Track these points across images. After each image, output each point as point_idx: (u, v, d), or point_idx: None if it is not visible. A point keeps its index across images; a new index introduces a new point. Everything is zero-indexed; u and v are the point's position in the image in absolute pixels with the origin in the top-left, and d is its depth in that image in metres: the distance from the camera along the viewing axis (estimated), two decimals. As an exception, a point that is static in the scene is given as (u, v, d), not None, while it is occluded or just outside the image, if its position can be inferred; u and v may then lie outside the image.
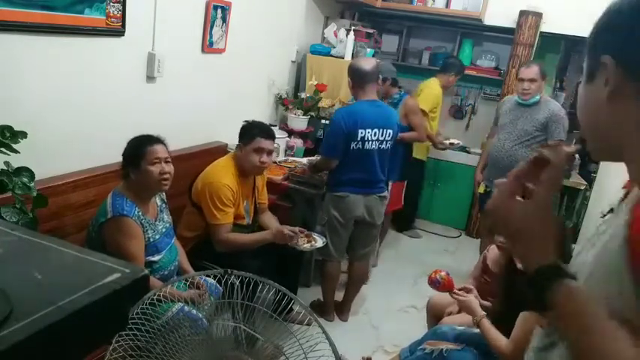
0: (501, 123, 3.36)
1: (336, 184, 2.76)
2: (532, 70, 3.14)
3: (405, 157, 3.74)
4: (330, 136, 2.77)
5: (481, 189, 3.55)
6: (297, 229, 2.43)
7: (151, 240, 1.95)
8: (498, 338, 1.84)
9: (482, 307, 2.03)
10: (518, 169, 0.69)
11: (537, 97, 3.16)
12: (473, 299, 2.03)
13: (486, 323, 1.91)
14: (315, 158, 3.05)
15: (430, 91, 4.00)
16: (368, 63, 2.71)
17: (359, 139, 2.64)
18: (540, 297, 0.64)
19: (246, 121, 2.54)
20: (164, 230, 2.05)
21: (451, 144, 4.10)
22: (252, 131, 2.45)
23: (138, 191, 1.94)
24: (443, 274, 2.13)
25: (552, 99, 3.24)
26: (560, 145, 0.70)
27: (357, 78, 2.68)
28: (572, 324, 0.62)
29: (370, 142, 2.67)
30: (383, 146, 2.71)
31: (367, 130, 2.64)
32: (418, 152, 4.08)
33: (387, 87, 3.62)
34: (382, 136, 2.69)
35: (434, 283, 2.14)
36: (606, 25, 0.72)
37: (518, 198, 0.68)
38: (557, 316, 0.64)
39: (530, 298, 0.66)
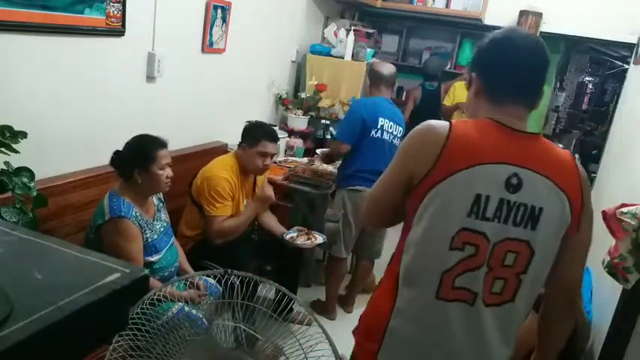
0: None
1: (350, 177, 2.76)
2: None
3: None
4: (346, 121, 2.85)
5: None
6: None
7: (150, 240, 1.95)
8: None
9: None
10: None
11: None
12: None
13: None
14: (327, 149, 3.11)
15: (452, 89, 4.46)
16: (386, 68, 2.85)
17: (379, 126, 2.70)
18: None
19: (249, 121, 2.53)
20: (162, 230, 2.05)
21: None
22: (257, 133, 2.44)
23: (138, 192, 1.94)
24: None
25: None
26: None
27: (375, 79, 2.85)
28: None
29: (387, 133, 2.74)
30: (395, 141, 2.77)
31: (386, 120, 2.73)
32: None
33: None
34: (395, 131, 2.78)
35: None
36: (475, 53, 1.24)
37: None
38: None
39: None
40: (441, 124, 1.14)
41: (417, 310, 1.17)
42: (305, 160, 3.38)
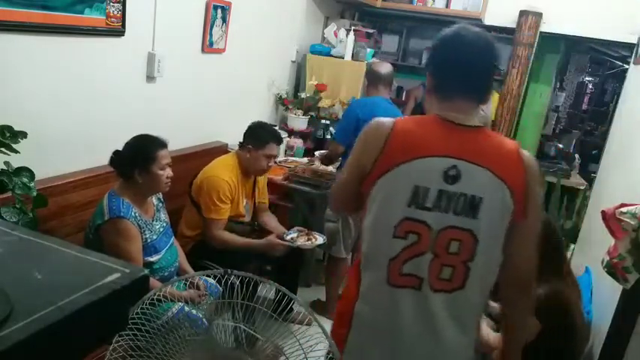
0: None
1: None
2: None
3: None
4: (342, 122, 2.87)
5: None
6: (287, 243, 2.43)
7: (149, 240, 1.95)
8: (487, 332, 1.68)
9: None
10: None
11: None
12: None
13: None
14: (325, 152, 3.12)
15: None
16: (384, 67, 2.86)
17: None
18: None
19: (253, 122, 2.53)
20: (161, 230, 2.05)
21: None
22: (263, 135, 2.44)
23: (137, 192, 1.94)
24: None
25: None
26: None
27: (373, 79, 2.85)
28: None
29: None
30: None
31: None
32: None
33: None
34: None
35: None
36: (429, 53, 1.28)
37: None
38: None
39: None
40: (388, 121, 1.21)
41: (373, 296, 1.25)
42: (305, 160, 3.38)
